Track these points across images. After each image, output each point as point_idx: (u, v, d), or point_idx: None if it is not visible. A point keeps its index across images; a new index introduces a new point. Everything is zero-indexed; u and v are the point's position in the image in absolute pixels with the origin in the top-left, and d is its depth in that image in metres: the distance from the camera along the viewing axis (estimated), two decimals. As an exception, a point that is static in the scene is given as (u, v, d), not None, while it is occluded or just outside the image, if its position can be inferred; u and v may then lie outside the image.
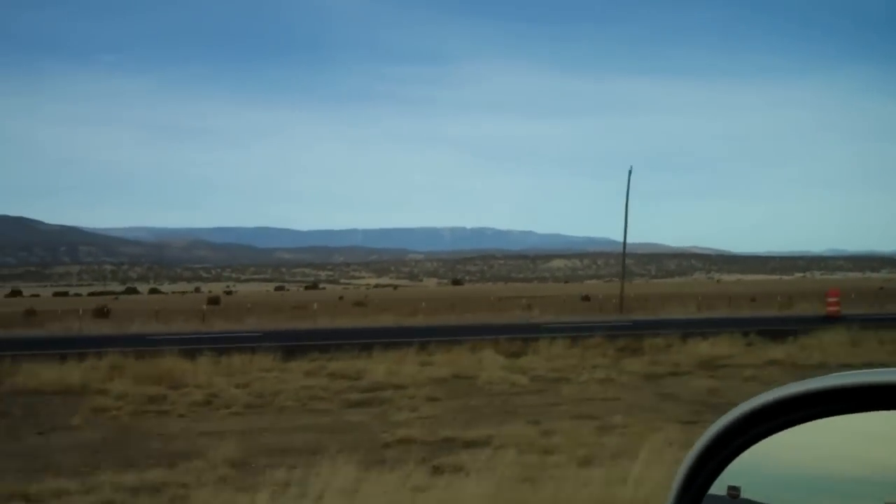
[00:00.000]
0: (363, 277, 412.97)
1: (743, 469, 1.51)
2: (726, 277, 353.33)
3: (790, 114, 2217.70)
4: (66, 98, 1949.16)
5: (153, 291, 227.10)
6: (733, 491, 1.48)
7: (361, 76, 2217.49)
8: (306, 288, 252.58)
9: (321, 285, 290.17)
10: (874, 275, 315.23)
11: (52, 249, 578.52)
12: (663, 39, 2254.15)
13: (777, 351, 23.30)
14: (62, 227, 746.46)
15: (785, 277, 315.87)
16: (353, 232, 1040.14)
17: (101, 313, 52.36)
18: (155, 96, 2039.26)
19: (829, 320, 34.39)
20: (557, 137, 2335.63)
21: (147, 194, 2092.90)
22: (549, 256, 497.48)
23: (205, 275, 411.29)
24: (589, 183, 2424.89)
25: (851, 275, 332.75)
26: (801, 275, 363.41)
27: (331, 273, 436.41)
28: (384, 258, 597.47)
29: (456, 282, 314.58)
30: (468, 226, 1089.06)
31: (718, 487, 1.53)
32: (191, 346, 24.12)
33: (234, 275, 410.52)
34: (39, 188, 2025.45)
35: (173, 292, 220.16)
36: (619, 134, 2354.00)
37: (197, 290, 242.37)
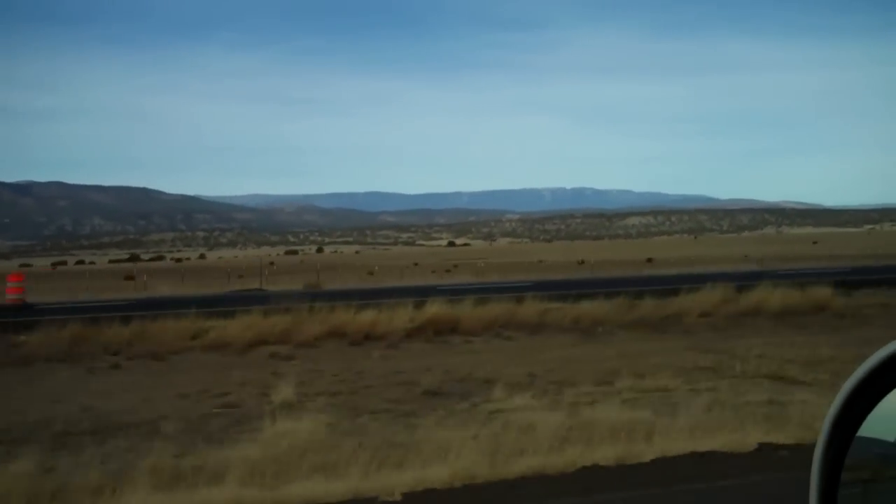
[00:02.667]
0: (442, 238, 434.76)
1: (892, 409, 1.49)
2: (797, 231, 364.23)
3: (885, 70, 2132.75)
4: (187, 74, 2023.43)
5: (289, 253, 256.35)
6: None
7: (466, 43, 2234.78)
8: (318, 251, 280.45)
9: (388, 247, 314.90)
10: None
11: (169, 218, 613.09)
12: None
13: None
14: (182, 196, 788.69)
15: (851, 230, 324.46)
16: (459, 195, 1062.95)
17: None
18: (271, 70, 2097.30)
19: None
20: (655, 98, 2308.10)
21: (263, 164, 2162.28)
22: (624, 214, 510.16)
23: (292, 238, 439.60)
24: (682, 142, 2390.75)
25: None
26: (871, 227, 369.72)
27: (412, 235, 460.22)
28: (482, 219, 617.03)
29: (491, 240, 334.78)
30: (568, 186, 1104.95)
31: (867, 429, 1.51)
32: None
33: (320, 238, 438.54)
34: (163, 161, 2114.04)
35: (235, 256, 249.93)
36: (716, 93, 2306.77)
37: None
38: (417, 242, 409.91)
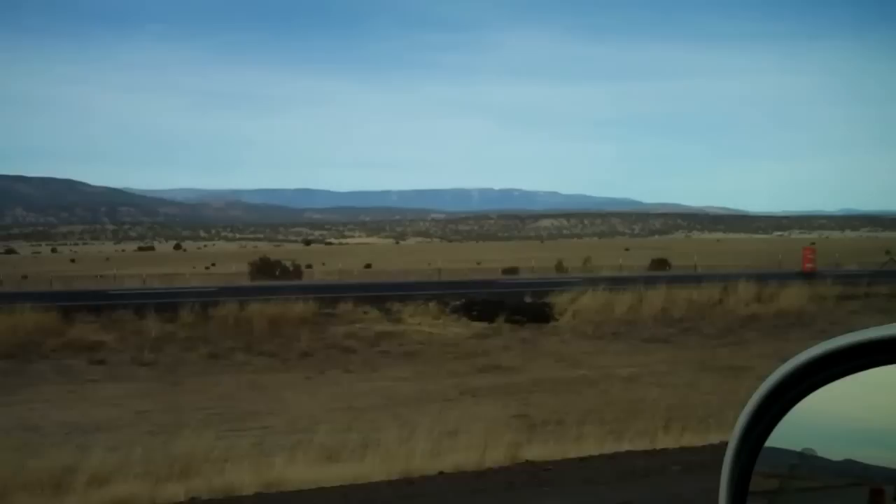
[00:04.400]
0: (354, 237, 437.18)
1: (798, 420, 1.53)
2: (706, 236, 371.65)
3: (807, 79, 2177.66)
4: (114, 66, 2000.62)
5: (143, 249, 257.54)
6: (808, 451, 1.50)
7: (398, 44, 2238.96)
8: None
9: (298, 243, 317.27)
10: (850, 234, 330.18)
11: (92, 210, 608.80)
12: (685, 5, 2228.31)
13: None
14: (106, 188, 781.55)
15: (755, 236, 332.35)
16: (388, 193, 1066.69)
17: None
18: (199, 64, 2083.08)
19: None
20: (583, 101, 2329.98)
21: (193, 158, 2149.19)
22: (538, 216, 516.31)
23: (203, 234, 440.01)
24: (611, 145, 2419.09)
25: (828, 233, 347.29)
26: (779, 234, 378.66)
27: (324, 233, 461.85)
28: (407, 217, 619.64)
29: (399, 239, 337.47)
30: (496, 187, 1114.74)
31: (774, 439, 1.56)
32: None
33: (228, 234, 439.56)
34: (88, 152, 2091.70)
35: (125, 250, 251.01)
36: (644, 98, 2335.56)
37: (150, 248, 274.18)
38: (326, 241, 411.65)
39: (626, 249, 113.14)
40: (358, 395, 21.19)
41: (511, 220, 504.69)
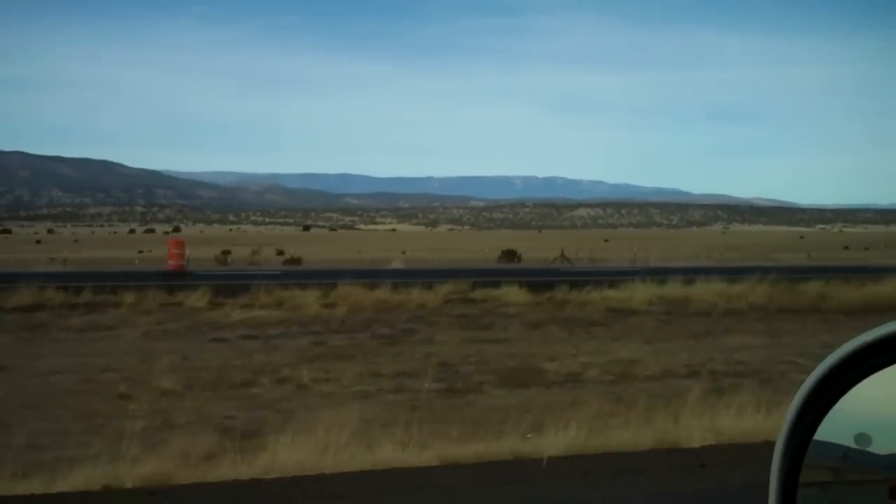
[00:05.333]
0: (385, 223, 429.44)
1: (849, 411, 1.54)
2: (745, 229, 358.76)
3: (862, 69, 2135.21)
4: (157, 47, 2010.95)
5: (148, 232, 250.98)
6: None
7: (442, 28, 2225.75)
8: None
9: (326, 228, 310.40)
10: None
11: (129, 192, 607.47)
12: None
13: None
14: (144, 170, 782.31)
15: (798, 229, 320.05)
16: (430, 179, 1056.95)
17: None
18: (242, 46, 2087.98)
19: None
20: (631, 89, 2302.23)
21: (234, 141, 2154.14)
22: (575, 205, 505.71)
23: (232, 217, 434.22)
24: (659, 134, 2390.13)
25: (872, 228, 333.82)
26: (822, 227, 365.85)
27: (355, 218, 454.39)
28: (446, 205, 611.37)
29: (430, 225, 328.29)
30: (540, 175, 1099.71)
31: (824, 431, 1.55)
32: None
33: (258, 217, 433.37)
34: (127, 134, 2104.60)
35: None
36: (693, 86, 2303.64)
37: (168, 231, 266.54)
38: (356, 227, 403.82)
39: (605, 241, 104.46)
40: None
41: (547, 209, 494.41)
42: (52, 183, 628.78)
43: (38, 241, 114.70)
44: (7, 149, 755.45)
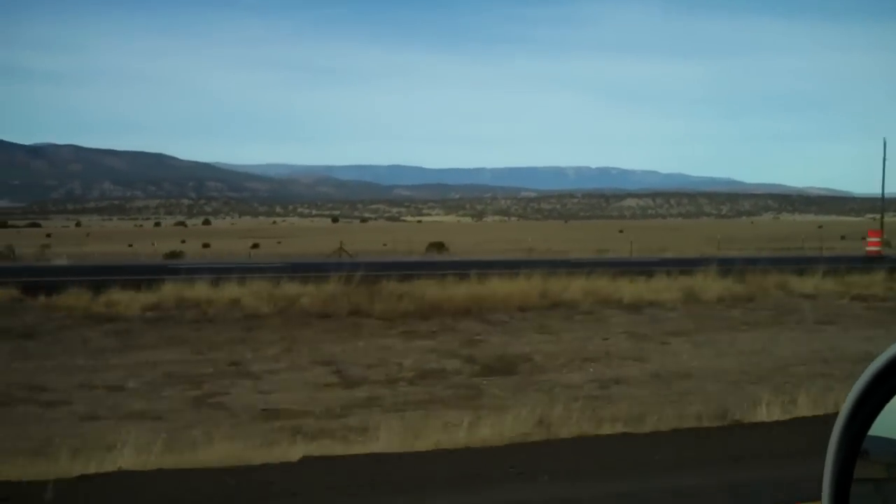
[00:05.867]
0: (431, 214, 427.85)
1: None
2: (797, 218, 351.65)
3: None
4: (209, 39, 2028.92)
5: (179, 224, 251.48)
6: None
7: (492, 16, 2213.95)
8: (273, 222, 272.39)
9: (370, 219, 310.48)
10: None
11: (180, 185, 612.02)
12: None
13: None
14: (195, 163, 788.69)
15: (847, 219, 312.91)
16: (481, 171, 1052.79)
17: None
18: (294, 38, 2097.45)
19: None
20: (685, 78, 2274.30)
21: (286, 133, 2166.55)
22: (622, 196, 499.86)
23: (279, 210, 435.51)
24: (713, 124, 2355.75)
25: None
26: (872, 217, 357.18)
27: (401, 210, 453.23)
28: (498, 195, 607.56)
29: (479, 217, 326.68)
30: (593, 165, 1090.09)
31: (879, 427, 1.51)
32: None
33: (304, 210, 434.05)
34: (179, 127, 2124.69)
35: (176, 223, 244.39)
36: (746, 74, 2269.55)
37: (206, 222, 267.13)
38: (402, 218, 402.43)
39: (620, 231, 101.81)
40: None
41: (596, 199, 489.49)
42: (103, 176, 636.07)
43: (49, 235, 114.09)
44: (60, 142, 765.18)
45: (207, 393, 14.48)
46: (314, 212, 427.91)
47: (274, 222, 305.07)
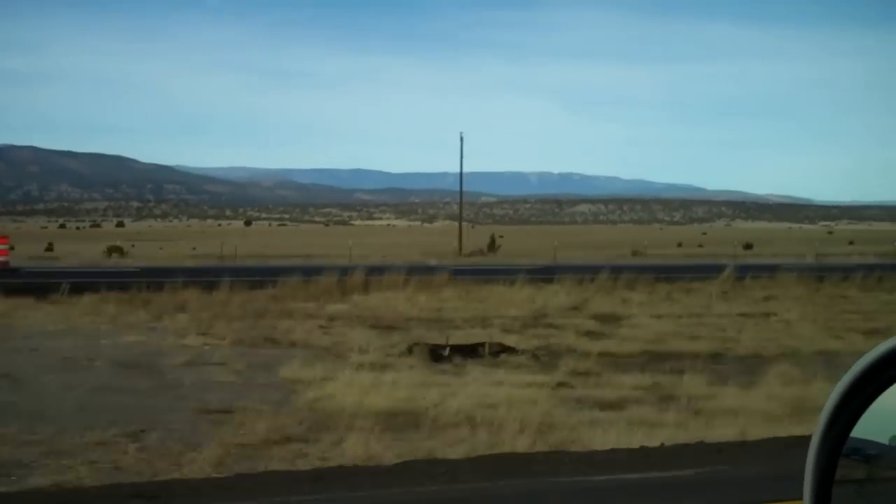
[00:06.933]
0: (382, 218, 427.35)
1: (885, 409, 1.49)
2: (748, 225, 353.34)
3: (885, 63, 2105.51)
4: (168, 41, 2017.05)
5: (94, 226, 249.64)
6: None
7: (453, 22, 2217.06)
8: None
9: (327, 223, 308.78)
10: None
11: (138, 187, 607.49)
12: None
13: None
14: (156, 165, 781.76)
15: (798, 226, 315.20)
16: (444, 175, 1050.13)
17: None
18: (255, 41, 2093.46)
19: None
20: (647, 85, 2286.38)
21: (246, 136, 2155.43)
22: (576, 201, 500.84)
23: (230, 213, 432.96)
24: (674, 130, 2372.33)
25: (878, 224, 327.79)
26: (825, 224, 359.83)
27: (353, 213, 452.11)
28: (456, 200, 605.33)
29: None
30: (555, 171, 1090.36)
31: (861, 429, 1.53)
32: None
33: (255, 213, 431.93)
34: (139, 129, 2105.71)
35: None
36: (707, 81, 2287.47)
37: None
38: (350, 222, 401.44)
39: (500, 236, 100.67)
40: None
41: (549, 205, 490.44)
42: (61, 178, 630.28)
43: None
44: (18, 143, 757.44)
45: None
46: (264, 215, 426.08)
47: (219, 225, 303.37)
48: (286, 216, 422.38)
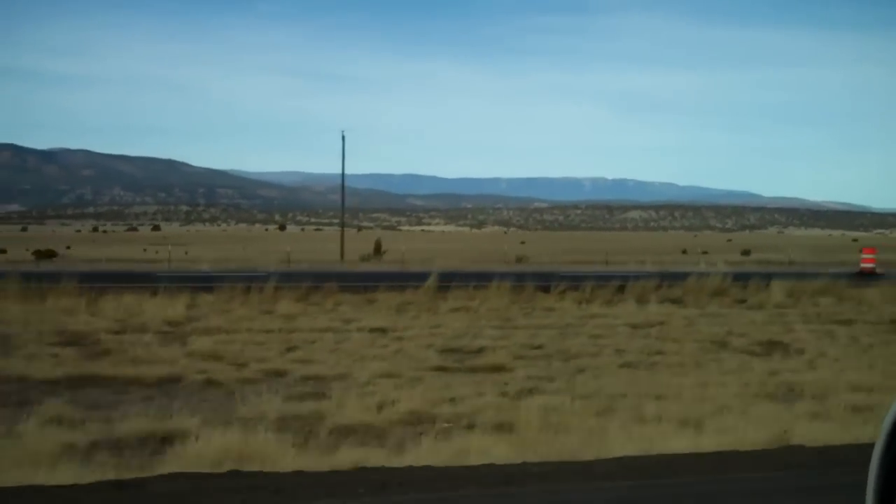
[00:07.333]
0: (431, 224, 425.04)
1: None
2: (800, 233, 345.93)
3: None
4: (223, 45, 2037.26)
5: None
6: None
7: (508, 27, 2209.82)
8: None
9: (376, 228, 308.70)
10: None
11: (190, 191, 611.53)
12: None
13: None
14: (208, 169, 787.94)
15: (854, 233, 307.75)
16: (497, 181, 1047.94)
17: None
18: (309, 45, 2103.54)
19: None
20: (704, 90, 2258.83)
21: (301, 141, 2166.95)
22: (627, 207, 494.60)
23: (279, 217, 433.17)
24: (732, 136, 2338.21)
25: None
26: (879, 232, 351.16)
27: (402, 219, 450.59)
28: (510, 206, 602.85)
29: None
30: (609, 176, 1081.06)
31: None
32: None
33: (303, 217, 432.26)
34: (192, 133, 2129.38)
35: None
36: (767, 86, 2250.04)
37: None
38: (399, 227, 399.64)
39: (522, 243, 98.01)
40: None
41: (599, 211, 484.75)
42: (115, 181, 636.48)
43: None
44: (73, 147, 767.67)
45: None
46: (312, 219, 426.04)
47: (266, 230, 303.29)
48: (335, 221, 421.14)
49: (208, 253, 60.40)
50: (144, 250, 68.53)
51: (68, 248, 72.74)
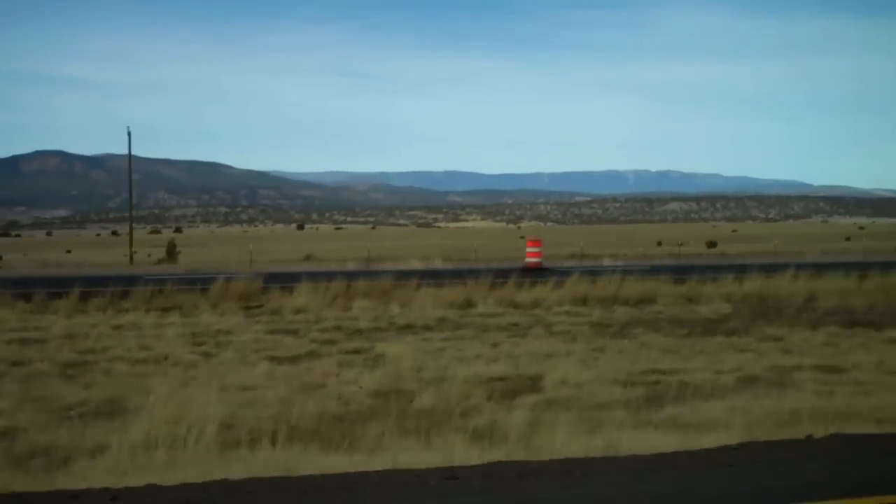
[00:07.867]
0: (468, 220, 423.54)
1: None
2: (844, 221, 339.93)
3: None
4: (265, 48, 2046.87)
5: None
6: None
7: (549, 21, 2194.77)
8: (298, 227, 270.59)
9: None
10: None
11: (233, 193, 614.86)
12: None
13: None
14: (250, 171, 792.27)
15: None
16: (539, 175, 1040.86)
17: None
18: (348, 45, 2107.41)
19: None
20: (745, 79, 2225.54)
21: (342, 141, 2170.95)
22: (667, 199, 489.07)
23: (316, 217, 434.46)
24: (778, 125, 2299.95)
25: None
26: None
27: (439, 216, 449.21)
28: (550, 200, 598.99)
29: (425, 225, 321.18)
30: (653, 169, 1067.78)
31: None
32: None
33: (340, 216, 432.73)
34: (235, 136, 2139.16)
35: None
36: (814, 74, 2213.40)
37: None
38: (435, 224, 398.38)
39: (521, 238, 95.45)
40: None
41: (638, 203, 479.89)
42: (159, 185, 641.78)
43: None
44: (118, 152, 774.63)
45: None
46: (349, 218, 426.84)
47: (300, 227, 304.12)
48: (372, 219, 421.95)
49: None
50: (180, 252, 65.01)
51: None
